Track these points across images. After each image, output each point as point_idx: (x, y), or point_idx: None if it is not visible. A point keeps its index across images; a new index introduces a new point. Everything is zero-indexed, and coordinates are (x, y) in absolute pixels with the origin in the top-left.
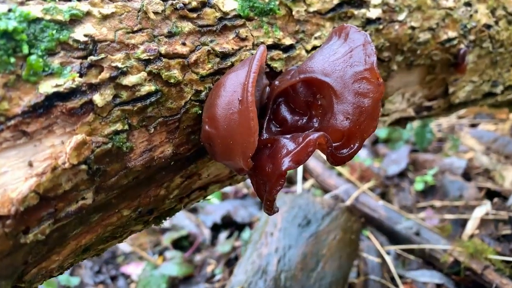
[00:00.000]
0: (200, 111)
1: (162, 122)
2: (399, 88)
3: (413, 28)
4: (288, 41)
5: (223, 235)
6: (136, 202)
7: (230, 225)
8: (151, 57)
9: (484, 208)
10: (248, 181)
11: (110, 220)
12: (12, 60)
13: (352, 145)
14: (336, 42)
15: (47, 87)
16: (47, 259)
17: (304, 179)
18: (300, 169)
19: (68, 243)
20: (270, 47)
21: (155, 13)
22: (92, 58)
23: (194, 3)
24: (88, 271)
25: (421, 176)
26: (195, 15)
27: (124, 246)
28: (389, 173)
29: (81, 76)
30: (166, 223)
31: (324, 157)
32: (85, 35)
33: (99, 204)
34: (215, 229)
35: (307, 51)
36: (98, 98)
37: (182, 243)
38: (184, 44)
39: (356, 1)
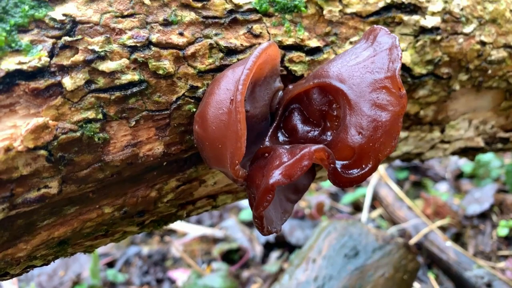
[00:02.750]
0: (195, 109)
1: (147, 116)
2: (465, 113)
3: (483, 43)
4: (314, 43)
5: (274, 254)
6: (121, 200)
7: (283, 245)
8: (138, 44)
9: None
10: (311, 200)
11: (89, 215)
12: None
13: (364, 165)
14: (362, 45)
15: (9, 63)
16: (13, 246)
17: (373, 207)
18: (369, 196)
19: (39, 232)
20: (290, 48)
21: None
22: (67, 38)
23: None
24: (137, 270)
25: (507, 220)
26: (199, 4)
27: (175, 251)
28: (468, 212)
29: (51, 56)
30: (219, 233)
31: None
32: (64, 15)
33: (73, 197)
34: (268, 247)
35: None
36: (68, 81)
37: (233, 256)
38: (181, 34)
39: (408, 5)
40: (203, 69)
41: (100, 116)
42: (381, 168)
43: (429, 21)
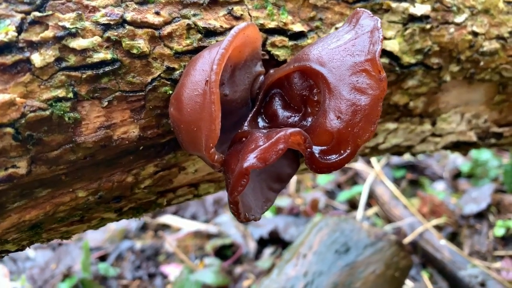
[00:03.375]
0: (171, 92)
1: (121, 97)
2: (457, 106)
3: (475, 34)
4: (298, 27)
5: (268, 250)
6: (96, 184)
7: (277, 241)
8: (112, 22)
9: None
10: (307, 197)
11: (62, 199)
12: None
13: (342, 151)
14: (345, 29)
15: None
16: None
17: (370, 205)
18: (365, 193)
19: (9, 215)
20: (272, 32)
21: None
22: (36, 14)
23: None
24: (130, 264)
25: (504, 220)
26: None
27: (168, 246)
28: (465, 211)
29: (20, 32)
30: (213, 229)
31: None
32: None
33: (45, 179)
34: (262, 243)
35: None
36: (37, 58)
37: (226, 252)
38: (157, 13)
39: None
40: (180, 50)
41: (70, 95)
42: (378, 166)
43: (419, 9)
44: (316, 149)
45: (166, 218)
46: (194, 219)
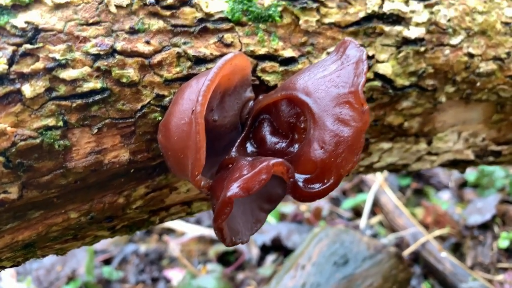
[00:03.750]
0: (161, 118)
1: (110, 124)
2: (454, 125)
3: (471, 55)
4: (289, 53)
5: (270, 257)
6: (87, 206)
7: (280, 248)
8: (102, 52)
9: None
10: (311, 204)
11: (54, 220)
12: None
13: (326, 180)
14: (332, 58)
15: None
16: None
17: (374, 213)
18: (369, 202)
19: (2, 236)
20: (263, 58)
21: (119, 6)
22: (27, 46)
23: (170, 1)
24: (134, 268)
25: (508, 232)
26: (168, 13)
27: (172, 250)
28: (469, 222)
29: (11, 64)
30: None
31: None
32: (26, 22)
33: (37, 201)
34: (264, 250)
35: None
36: (28, 89)
37: (229, 258)
38: (148, 42)
39: (391, 16)
40: (170, 77)
41: (60, 123)
42: (382, 174)
43: (413, 32)
44: (301, 177)
45: (171, 222)
46: (199, 224)
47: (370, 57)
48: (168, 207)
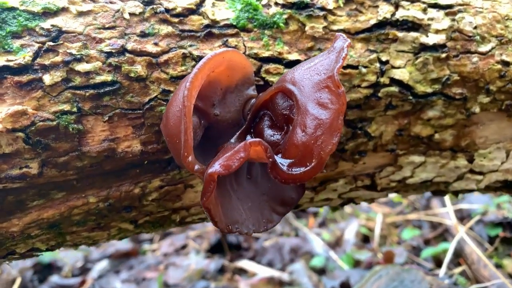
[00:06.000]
0: None
1: (120, 114)
2: (499, 141)
3: (506, 63)
4: (294, 56)
5: None
6: (105, 192)
7: None
8: (114, 51)
9: None
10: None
11: (75, 202)
12: None
13: (308, 163)
14: (323, 52)
15: (0, 61)
16: (7, 220)
17: (459, 264)
18: (450, 251)
19: (30, 212)
20: (267, 60)
21: (132, 14)
22: (50, 43)
23: (179, 9)
24: None
25: None
26: (177, 20)
27: None
28: None
29: (36, 57)
30: (285, 276)
31: None
32: (52, 25)
33: (58, 182)
34: None
35: None
36: (47, 78)
37: None
38: (156, 44)
39: (405, 23)
40: (175, 75)
41: (75, 109)
42: (466, 224)
43: (431, 39)
44: (285, 162)
45: (243, 263)
46: (270, 266)
47: (384, 63)
48: (188, 207)
